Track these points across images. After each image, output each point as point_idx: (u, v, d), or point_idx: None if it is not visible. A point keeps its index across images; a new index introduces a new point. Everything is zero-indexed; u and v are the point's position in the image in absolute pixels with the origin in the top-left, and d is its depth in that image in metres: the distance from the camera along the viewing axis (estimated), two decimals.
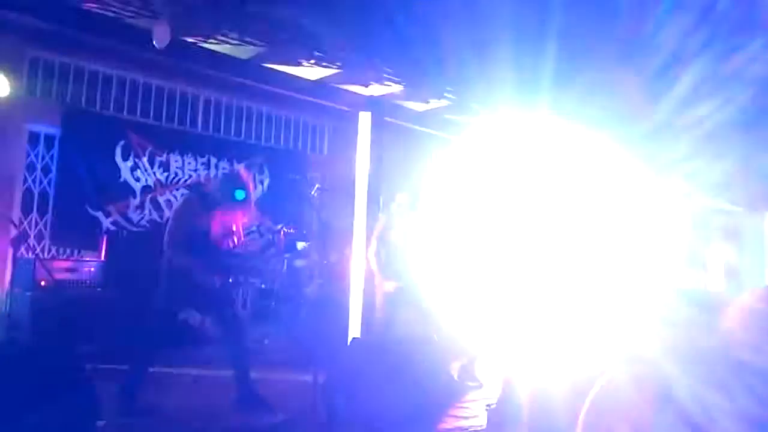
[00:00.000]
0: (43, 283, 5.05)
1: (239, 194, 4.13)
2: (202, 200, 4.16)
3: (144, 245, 6.41)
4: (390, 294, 5.11)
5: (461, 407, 4.10)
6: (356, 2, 4.73)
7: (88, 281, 5.59)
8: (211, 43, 4.14)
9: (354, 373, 4.05)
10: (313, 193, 5.83)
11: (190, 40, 4.06)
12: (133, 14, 3.69)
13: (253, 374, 4.57)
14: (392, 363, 4.05)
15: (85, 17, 3.96)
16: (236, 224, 4.31)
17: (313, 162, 8.37)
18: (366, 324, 5.44)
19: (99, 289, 5.58)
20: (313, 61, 4.69)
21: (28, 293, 5.01)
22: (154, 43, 3.52)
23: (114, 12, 3.64)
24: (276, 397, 4.57)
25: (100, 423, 3.51)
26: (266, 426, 4.03)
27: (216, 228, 4.16)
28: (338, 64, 4.67)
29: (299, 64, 4.38)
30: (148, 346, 4.22)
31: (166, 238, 4.13)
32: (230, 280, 4.42)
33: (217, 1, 3.81)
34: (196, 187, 6.23)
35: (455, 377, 5.60)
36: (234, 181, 4.22)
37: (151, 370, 4.24)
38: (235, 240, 4.34)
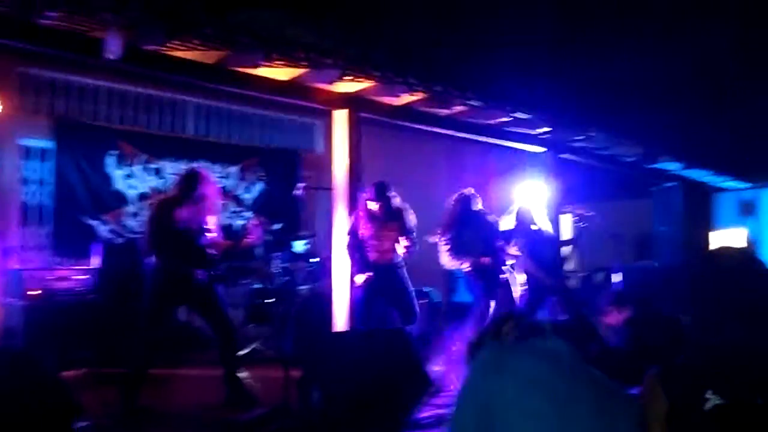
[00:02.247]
0: (34, 292, 5.22)
1: (197, 190, 4.34)
2: (166, 201, 4.39)
3: (139, 251, 6.59)
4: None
5: (435, 395, 4.13)
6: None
7: (83, 289, 5.75)
8: (171, 49, 4.21)
9: (329, 365, 4.14)
10: (297, 192, 5.88)
11: (149, 48, 4.13)
12: (87, 28, 3.78)
13: (244, 371, 4.71)
14: (365, 355, 4.12)
15: (51, 34, 4.06)
16: (204, 219, 4.44)
17: (308, 161, 8.45)
18: (352, 319, 5.49)
19: (93, 296, 5.73)
20: (282, 62, 4.74)
21: (20, 303, 5.18)
22: (104, 54, 3.61)
23: (69, 27, 3.74)
24: (262, 392, 4.70)
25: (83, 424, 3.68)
26: (245, 420, 4.13)
27: (186, 224, 4.32)
28: (304, 63, 4.70)
29: (257, 66, 4.44)
30: (141, 348, 4.38)
31: (145, 240, 4.38)
32: (212, 273, 4.53)
33: (171, 9, 3.89)
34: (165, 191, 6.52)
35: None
36: (191, 179, 4.40)
37: (145, 371, 4.38)
38: (208, 235, 4.49)
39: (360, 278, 5.27)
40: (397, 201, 5.37)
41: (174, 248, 4.29)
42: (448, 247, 5.67)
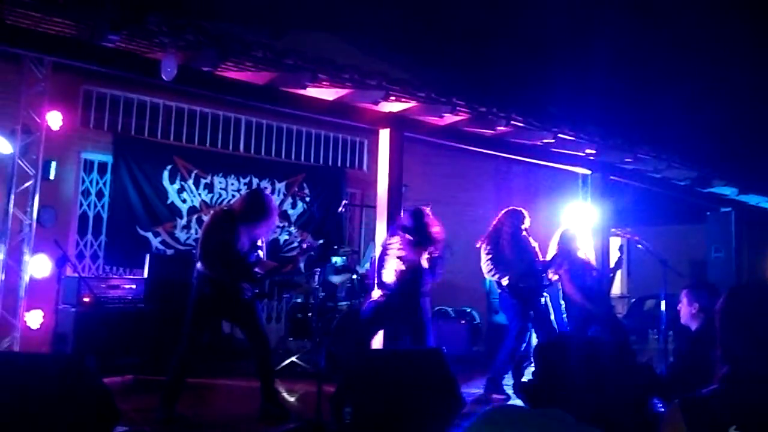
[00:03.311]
0: (86, 299, 5.46)
1: (261, 210, 4.36)
2: (227, 215, 4.40)
3: (189, 263, 6.82)
4: None
5: (468, 417, 4.09)
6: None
7: (133, 297, 5.98)
8: (224, 70, 4.40)
9: (362, 382, 4.16)
10: (341, 209, 5.97)
11: (203, 69, 4.32)
12: (146, 50, 3.99)
13: (281, 385, 4.78)
14: (399, 373, 4.13)
15: (113, 55, 4.31)
16: (258, 237, 4.51)
17: (353, 178, 8.57)
18: (389, 336, 5.51)
19: (142, 305, 5.95)
20: (326, 83, 4.87)
21: (73, 309, 5.43)
22: (162, 75, 3.80)
23: (129, 49, 3.96)
24: (296, 406, 4.76)
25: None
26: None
27: (242, 239, 4.36)
28: (349, 84, 4.81)
29: (306, 87, 4.57)
30: (181, 357, 4.46)
31: (197, 250, 4.40)
32: (256, 291, 4.58)
33: (223, 33, 4.06)
34: (227, 205, 6.64)
35: (482, 390, 5.61)
36: (256, 197, 4.46)
37: (183, 380, 4.49)
38: (261, 253, 4.55)
39: (376, 293, 5.23)
40: (435, 229, 5.17)
41: (226, 261, 4.31)
42: (490, 257, 5.58)
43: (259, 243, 4.58)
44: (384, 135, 5.70)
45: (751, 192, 9.14)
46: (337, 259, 6.81)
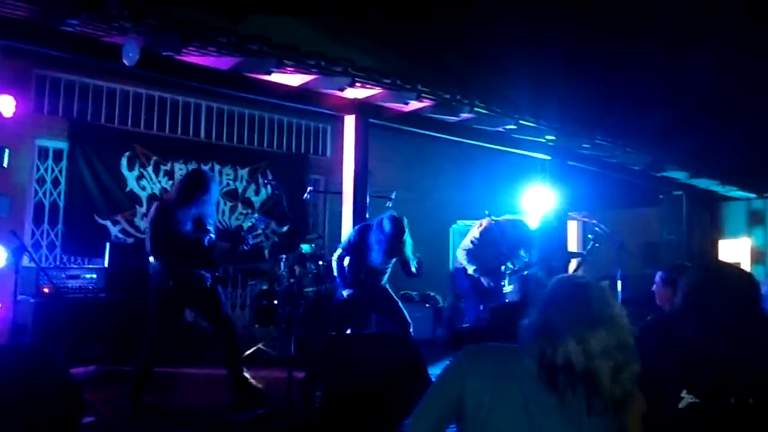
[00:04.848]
0: (46, 290, 5.34)
1: (194, 187, 4.26)
2: (163, 205, 4.29)
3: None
4: None
5: None
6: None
7: (93, 287, 5.86)
8: (186, 55, 4.33)
9: (330, 366, 4.22)
10: (305, 196, 5.97)
11: (166, 54, 4.24)
12: (106, 35, 3.90)
13: (248, 371, 4.76)
14: (367, 357, 4.20)
15: (71, 39, 4.19)
16: (206, 220, 4.39)
17: (316, 165, 8.55)
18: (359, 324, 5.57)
19: (103, 295, 5.85)
20: (291, 69, 4.84)
21: (32, 300, 5.30)
22: (123, 60, 3.72)
23: (88, 33, 3.86)
24: (266, 392, 4.77)
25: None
26: (248, 418, 4.21)
27: (184, 225, 4.25)
28: (315, 70, 4.80)
29: (270, 73, 4.54)
30: (147, 348, 4.40)
31: (146, 244, 4.28)
32: (217, 275, 4.52)
33: (186, 18, 3.99)
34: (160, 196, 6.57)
35: None
36: (193, 179, 4.36)
37: (150, 370, 4.44)
38: (211, 237, 4.44)
39: (346, 293, 5.34)
40: (409, 242, 5.35)
41: (176, 250, 4.21)
42: (473, 245, 5.86)
43: (209, 226, 4.44)
44: (349, 121, 5.71)
45: (702, 176, 9.51)
46: (305, 246, 6.81)
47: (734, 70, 7.14)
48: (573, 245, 9.51)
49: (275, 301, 6.60)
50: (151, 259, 4.29)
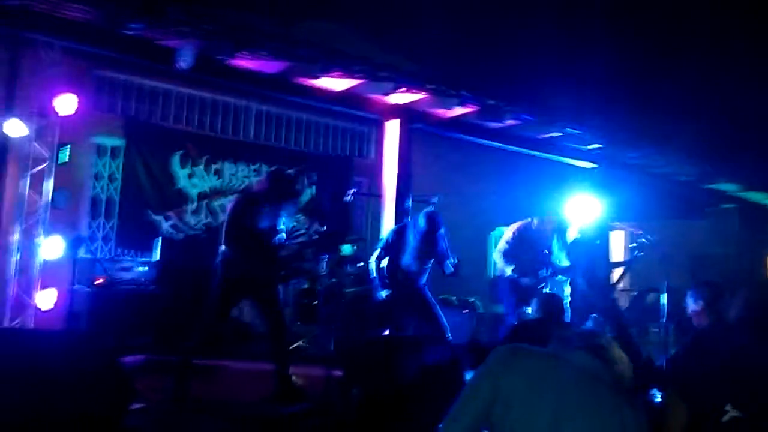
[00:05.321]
0: (100, 280, 5.59)
1: (284, 191, 4.38)
2: (252, 198, 4.40)
3: (199, 247, 6.96)
4: None
5: None
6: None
7: (144, 280, 6.11)
8: (239, 59, 4.48)
9: (369, 366, 4.29)
10: (348, 198, 6.06)
11: (219, 58, 4.41)
12: (163, 37, 4.08)
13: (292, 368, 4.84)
14: (405, 358, 4.26)
15: (130, 43, 4.40)
16: (280, 220, 4.47)
17: (360, 167, 8.66)
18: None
19: (153, 287, 6.08)
20: (338, 73, 4.95)
21: (87, 289, 5.56)
22: (179, 64, 3.89)
23: (147, 37, 4.05)
24: (305, 388, 4.86)
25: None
26: (287, 413, 4.31)
27: (264, 224, 4.35)
28: (360, 75, 4.90)
29: (317, 77, 4.65)
30: (197, 338, 4.53)
31: (222, 233, 4.40)
32: (282, 274, 4.63)
33: (240, 24, 4.14)
34: (247, 187, 6.67)
35: None
36: (278, 179, 4.47)
37: (196, 362, 4.57)
38: (283, 236, 4.52)
39: (384, 293, 5.35)
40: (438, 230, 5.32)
41: (250, 244, 4.31)
42: (507, 245, 5.79)
43: (282, 226, 4.52)
44: (393, 125, 5.80)
45: (755, 189, 9.23)
46: (345, 247, 6.91)
47: None
48: (619, 255, 9.35)
49: (316, 301, 6.72)
50: (223, 247, 4.38)
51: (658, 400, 3.94)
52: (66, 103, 6.16)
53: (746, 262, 9.94)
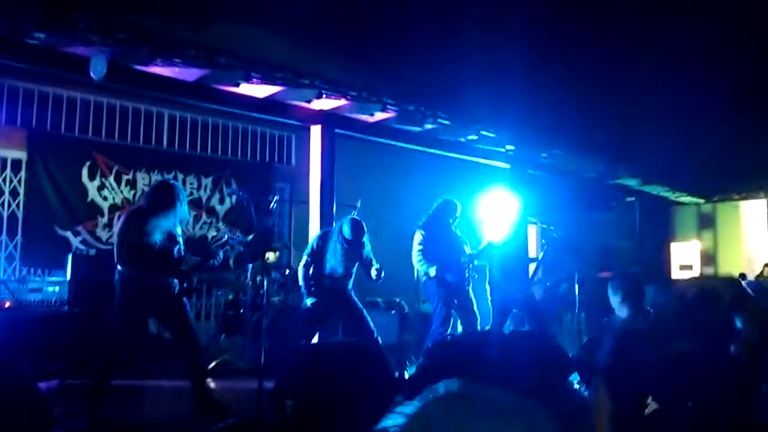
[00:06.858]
0: (7, 304, 5.24)
1: (166, 199, 4.24)
2: (136, 213, 4.25)
3: (113, 262, 6.64)
4: None
5: (403, 403, 4.28)
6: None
7: (55, 300, 5.77)
8: (154, 67, 4.34)
9: (300, 376, 4.27)
10: (272, 205, 6.00)
11: (133, 66, 4.25)
12: (72, 48, 3.89)
13: (215, 382, 4.75)
14: (336, 365, 4.27)
15: (37, 52, 4.16)
16: (175, 230, 4.35)
17: (281, 173, 8.58)
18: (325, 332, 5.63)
19: (65, 308, 5.76)
20: (259, 81, 4.90)
21: None
22: (90, 75, 3.72)
23: (55, 46, 3.85)
24: (234, 402, 4.77)
25: None
26: (217, 430, 4.21)
27: (155, 237, 4.21)
28: (281, 82, 4.87)
29: (238, 85, 4.59)
30: (109, 360, 4.36)
31: (115, 252, 4.25)
32: (184, 286, 4.51)
33: (155, 31, 4.02)
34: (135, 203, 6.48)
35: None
36: (163, 189, 4.34)
37: (111, 382, 4.38)
38: (181, 248, 4.40)
39: (310, 301, 5.38)
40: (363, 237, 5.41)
41: (145, 259, 4.18)
42: (421, 248, 5.79)
43: (178, 236, 4.40)
44: (315, 131, 5.80)
45: (654, 183, 9.93)
46: (270, 255, 6.82)
47: (687, 78, 7.43)
48: (533, 250, 9.77)
49: (241, 311, 6.60)
50: (119, 267, 4.25)
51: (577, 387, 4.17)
52: None
53: (648, 251, 10.68)
